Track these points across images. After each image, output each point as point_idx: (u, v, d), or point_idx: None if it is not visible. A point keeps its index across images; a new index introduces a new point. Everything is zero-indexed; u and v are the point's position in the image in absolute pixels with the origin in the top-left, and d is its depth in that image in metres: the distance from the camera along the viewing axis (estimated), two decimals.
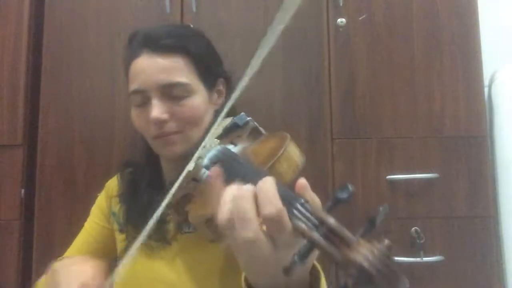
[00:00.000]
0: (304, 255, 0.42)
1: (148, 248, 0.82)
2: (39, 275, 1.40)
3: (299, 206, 0.46)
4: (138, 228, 0.82)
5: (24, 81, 1.46)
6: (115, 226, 0.92)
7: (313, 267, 0.53)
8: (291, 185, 0.50)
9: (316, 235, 0.42)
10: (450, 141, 1.41)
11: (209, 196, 0.59)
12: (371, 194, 1.38)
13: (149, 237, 0.80)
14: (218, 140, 0.74)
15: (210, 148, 0.72)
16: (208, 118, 0.83)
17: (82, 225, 1.05)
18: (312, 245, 0.42)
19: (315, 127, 1.43)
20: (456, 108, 1.42)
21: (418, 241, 1.34)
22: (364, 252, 0.40)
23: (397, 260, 1.30)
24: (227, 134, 0.74)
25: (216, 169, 0.55)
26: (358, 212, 1.36)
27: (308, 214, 0.45)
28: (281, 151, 0.59)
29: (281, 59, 1.45)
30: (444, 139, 1.42)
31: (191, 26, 0.88)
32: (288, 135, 0.64)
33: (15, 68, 1.46)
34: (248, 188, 0.48)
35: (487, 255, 1.36)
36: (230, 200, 0.47)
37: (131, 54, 0.82)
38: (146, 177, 0.89)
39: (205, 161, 0.69)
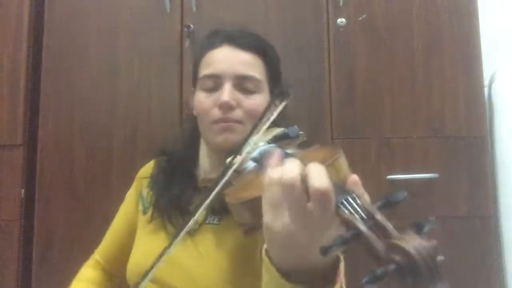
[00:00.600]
0: (346, 241, 0.41)
1: (170, 235, 0.83)
2: (39, 275, 1.41)
3: (349, 198, 0.47)
4: (163, 216, 0.85)
5: (24, 81, 1.46)
6: (140, 207, 0.94)
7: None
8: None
9: (362, 226, 0.42)
10: (450, 141, 1.41)
11: (253, 180, 0.61)
12: (371, 194, 1.37)
13: (175, 225, 0.83)
14: (267, 140, 0.75)
15: (258, 145, 0.73)
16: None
17: (82, 226, 1.06)
18: (357, 234, 0.42)
19: (315, 127, 1.43)
20: (456, 108, 1.42)
21: None
22: (412, 242, 0.39)
23: None
24: (276, 141, 0.75)
25: (279, 150, 0.56)
26: None
27: (356, 207, 0.46)
28: (333, 159, 0.60)
29: (281, 59, 1.44)
30: (444, 139, 1.42)
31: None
32: (341, 150, 0.65)
33: (15, 68, 1.46)
34: (298, 163, 0.49)
35: (487, 255, 1.36)
36: (279, 176, 0.48)
37: (210, 45, 0.86)
38: (182, 167, 0.90)
39: (255, 153, 0.70)
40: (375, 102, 1.43)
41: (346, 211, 0.45)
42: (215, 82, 0.83)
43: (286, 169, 0.48)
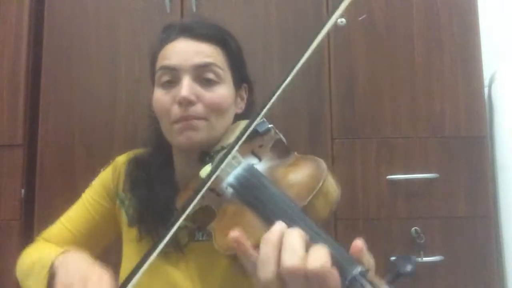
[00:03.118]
0: None
1: (162, 255, 0.80)
2: None
3: (357, 276, 0.43)
4: (151, 234, 0.80)
5: (24, 81, 1.46)
6: (123, 217, 0.88)
7: None
8: (326, 223, 0.48)
9: None
10: (450, 141, 1.41)
11: (244, 226, 0.55)
12: (371, 194, 1.38)
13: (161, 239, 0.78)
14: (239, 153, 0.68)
15: (232, 163, 0.66)
16: (230, 116, 0.81)
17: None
18: None
19: (315, 127, 1.43)
20: (456, 108, 1.42)
21: (418, 241, 1.34)
22: None
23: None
24: (246, 141, 0.68)
25: (237, 234, 0.51)
26: (358, 212, 1.36)
27: (366, 285, 0.43)
28: (320, 184, 0.54)
29: (281, 59, 1.45)
30: (444, 139, 1.42)
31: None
32: (325, 164, 0.59)
33: (15, 68, 1.46)
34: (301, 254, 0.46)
35: (487, 255, 1.36)
36: (298, 267, 0.45)
37: (165, 39, 0.81)
38: (159, 176, 0.84)
39: (230, 178, 0.64)
40: (375, 102, 1.43)
41: None
42: (172, 76, 0.76)
43: (286, 256, 0.46)
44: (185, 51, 0.77)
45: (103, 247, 0.92)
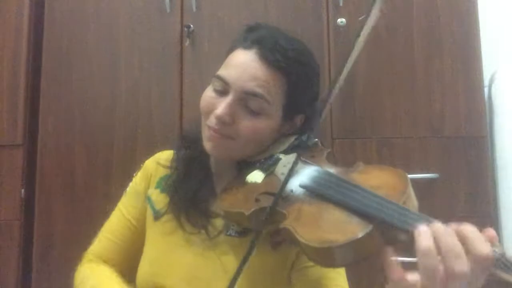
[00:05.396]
0: None
1: (191, 244, 0.79)
2: (39, 275, 1.41)
3: (499, 256, 0.47)
4: (180, 213, 0.80)
5: (24, 81, 1.46)
6: (148, 213, 0.87)
7: None
8: None
9: None
10: (450, 141, 1.41)
11: (326, 217, 0.58)
12: None
13: (193, 223, 0.78)
14: (294, 155, 0.70)
15: (290, 163, 0.68)
16: (266, 142, 0.79)
17: (82, 226, 1.03)
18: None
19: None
20: (456, 108, 1.42)
21: None
22: None
23: (398, 260, 1.30)
24: (295, 152, 0.71)
25: (493, 233, 0.52)
26: None
27: (510, 264, 0.46)
28: (408, 188, 0.57)
29: None
30: (444, 139, 1.42)
31: (311, 53, 0.85)
32: (405, 173, 0.62)
33: (15, 68, 1.46)
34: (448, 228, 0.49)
35: None
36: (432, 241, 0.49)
37: (241, 42, 0.79)
38: (199, 159, 0.83)
39: (303, 180, 0.65)
40: (375, 102, 1.43)
41: (502, 271, 0.46)
42: (223, 87, 0.76)
43: (477, 246, 0.48)
44: (244, 70, 0.75)
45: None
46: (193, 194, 0.80)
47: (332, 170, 0.68)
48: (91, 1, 1.50)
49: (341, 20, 1.44)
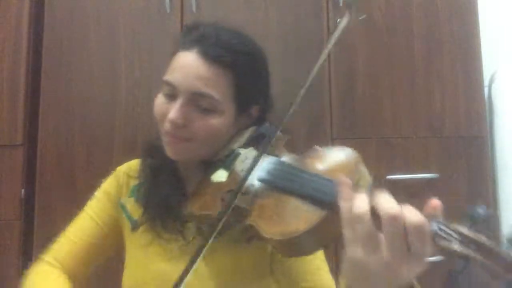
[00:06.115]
0: (461, 271, 0.42)
1: (169, 252, 0.79)
2: None
3: (441, 226, 0.47)
4: (155, 222, 0.80)
5: (24, 81, 1.46)
6: (126, 223, 0.87)
7: None
8: None
9: (471, 253, 0.43)
10: (450, 141, 1.41)
11: (285, 208, 0.59)
12: None
13: (169, 230, 0.78)
14: (252, 149, 0.70)
15: (247, 158, 0.68)
16: (225, 137, 0.79)
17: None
18: (466, 261, 0.43)
19: (315, 127, 1.43)
20: (456, 108, 1.42)
21: None
22: None
23: None
24: (255, 145, 0.71)
25: (345, 179, 0.52)
26: None
27: (452, 233, 0.46)
28: (358, 169, 0.58)
29: (281, 59, 1.45)
30: (444, 139, 1.42)
31: (254, 44, 0.83)
32: (356, 153, 0.63)
33: (15, 68, 1.46)
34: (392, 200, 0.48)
35: None
36: (365, 211, 0.48)
37: (183, 43, 0.78)
38: (166, 166, 0.83)
39: (260, 174, 0.66)
40: (375, 102, 1.43)
41: (446, 241, 0.46)
42: (172, 91, 0.76)
43: (383, 203, 0.48)
44: (188, 71, 0.75)
45: (109, 256, 0.92)
46: (165, 201, 0.79)
47: (288, 158, 0.68)
48: (91, 1, 1.50)
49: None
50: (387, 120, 1.42)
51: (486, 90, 1.49)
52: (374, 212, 0.47)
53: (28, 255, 1.41)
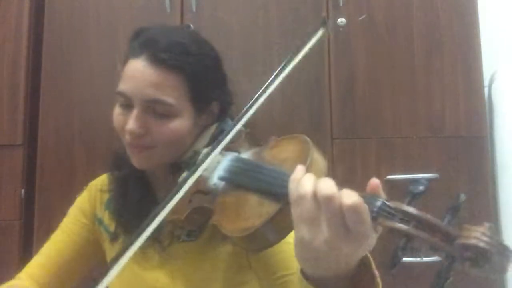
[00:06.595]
0: (404, 248, 0.44)
1: (144, 258, 0.80)
2: None
3: (381, 205, 0.47)
4: (128, 231, 0.80)
5: (24, 81, 1.46)
6: (104, 236, 0.88)
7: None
8: None
9: (412, 230, 0.45)
10: (450, 141, 1.41)
11: (244, 205, 0.59)
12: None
13: (144, 245, 0.76)
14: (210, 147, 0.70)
15: (210, 158, 0.68)
16: (189, 139, 0.79)
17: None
18: (408, 239, 0.44)
19: (315, 128, 1.43)
20: (456, 108, 1.42)
21: None
22: (474, 235, 0.41)
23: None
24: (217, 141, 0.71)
25: (299, 167, 0.53)
26: None
27: (393, 211, 0.47)
28: (310, 154, 0.58)
29: (281, 59, 1.44)
30: (444, 139, 1.42)
31: (202, 41, 0.83)
32: (306, 137, 0.63)
33: (15, 68, 1.46)
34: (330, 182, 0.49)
35: None
36: (312, 191, 0.48)
37: (132, 51, 0.78)
38: (133, 175, 0.83)
39: (219, 173, 0.66)
40: (375, 102, 1.43)
41: (386, 219, 0.47)
42: (127, 102, 0.77)
43: (321, 184, 0.48)
44: (138, 79, 0.74)
45: (88, 271, 0.91)
46: (136, 210, 0.79)
47: (246, 153, 0.69)
48: (91, 1, 1.50)
49: (341, 20, 1.44)
50: (387, 120, 1.42)
51: (486, 90, 1.49)
52: (316, 194, 0.48)
53: (28, 255, 1.41)
